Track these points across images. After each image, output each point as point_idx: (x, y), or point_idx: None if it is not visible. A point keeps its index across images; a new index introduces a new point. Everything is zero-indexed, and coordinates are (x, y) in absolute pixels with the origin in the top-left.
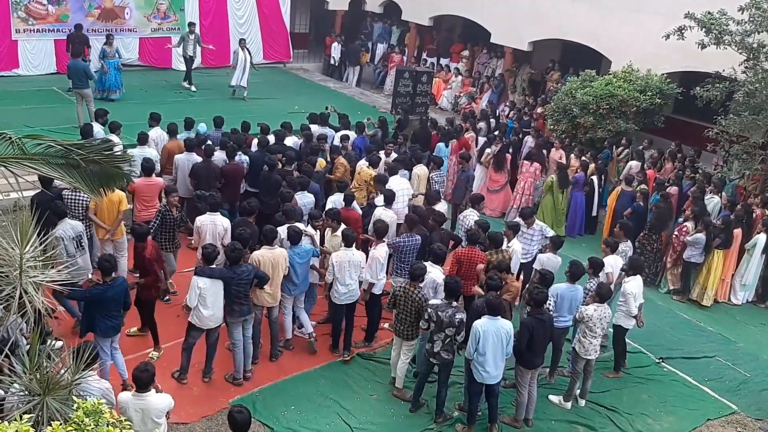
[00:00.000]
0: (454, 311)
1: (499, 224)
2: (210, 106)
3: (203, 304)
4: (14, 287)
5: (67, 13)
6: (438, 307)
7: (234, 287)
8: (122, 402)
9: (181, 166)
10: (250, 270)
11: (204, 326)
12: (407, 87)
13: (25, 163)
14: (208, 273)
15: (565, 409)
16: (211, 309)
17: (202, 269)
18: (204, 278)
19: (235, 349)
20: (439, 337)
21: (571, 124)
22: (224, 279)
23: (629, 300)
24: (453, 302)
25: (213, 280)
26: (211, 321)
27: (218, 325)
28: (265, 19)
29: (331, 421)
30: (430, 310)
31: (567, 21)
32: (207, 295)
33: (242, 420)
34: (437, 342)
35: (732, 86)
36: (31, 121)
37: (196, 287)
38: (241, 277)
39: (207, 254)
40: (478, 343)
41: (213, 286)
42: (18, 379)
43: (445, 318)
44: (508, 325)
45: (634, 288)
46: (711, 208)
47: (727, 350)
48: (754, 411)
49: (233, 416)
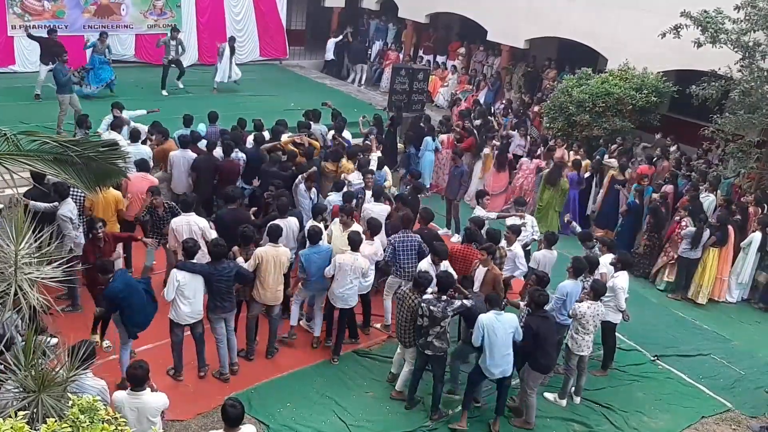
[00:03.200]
0: (445, 305)
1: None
2: (205, 103)
3: (182, 300)
4: (9, 284)
5: (63, 9)
6: (429, 303)
7: (215, 284)
8: (117, 401)
9: (177, 162)
10: (232, 267)
11: (182, 321)
12: (404, 84)
13: (20, 160)
14: (189, 267)
15: (561, 407)
16: (189, 305)
17: (183, 263)
18: (184, 272)
19: (219, 345)
20: (433, 331)
21: (567, 122)
22: (204, 275)
23: (619, 294)
24: (442, 296)
25: (193, 275)
26: (189, 317)
27: (198, 320)
28: (262, 16)
29: (327, 418)
30: (423, 305)
31: (563, 19)
32: (185, 289)
33: (234, 414)
34: (431, 335)
35: (728, 85)
36: (27, 118)
37: (174, 280)
38: (222, 274)
39: (188, 249)
40: (484, 338)
41: (192, 280)
42: (13, 375)
43: (437, 313)
44: (514, 319)
45: (623, 282)
46: (706, 206)
47: (722, 348)
48: (749, 409)
49: (226, 409)
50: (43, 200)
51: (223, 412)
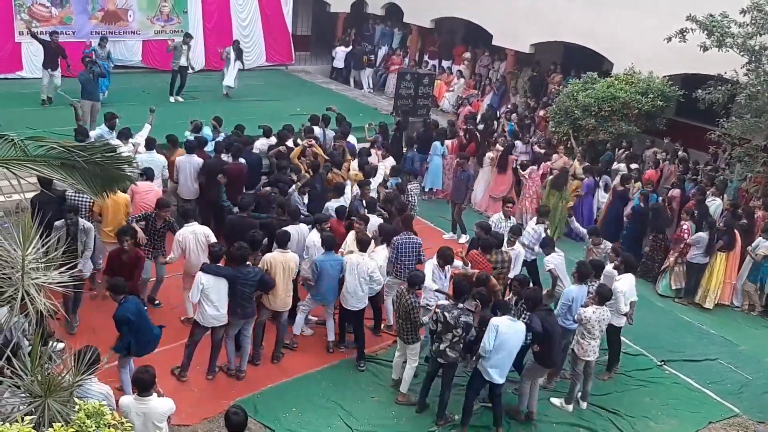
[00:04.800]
0: (459, 313)
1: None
2: (211, 108)
3: (207, 302)
4: (16, 289)
5: (70, 15)
6: (445, 308)
7: (239, 287)
8: (124, 406)
9: (183, 167)
10: (257, 272)
11: (207, 324)
12: (409, 89)
13: (27, 165)
14: (214, 270)
15: (567, 412)
16: (215, 308)
17: (207, 266)
18: (208, 275)
19: (228, 341)
20: (446, 338)
21: (572, 126)
22: (229, 278)
23: (618, 298)
24: (459, 304)
25: (217, 278)
26: (215, 320)
27: (222, 324)
28: (268, 21)
29: (333, 423)
30: (438, 310)
31: (569, 23)
32: (210, 292)
33: (237, 421)
34: (445, 342)
35: (734, 89)
36: (34, 123)
37: (199, 283)
38: (247, 278)
39: (213, 253)
40: (495, 341)
41: (217, 283)
42: (20, 380)
43: (451, 319)
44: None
45: (624, 286)
46: (713, 210)
47: (729, 353)
48: (756, 414)
49: (229, 416)
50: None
51: (226, 419)
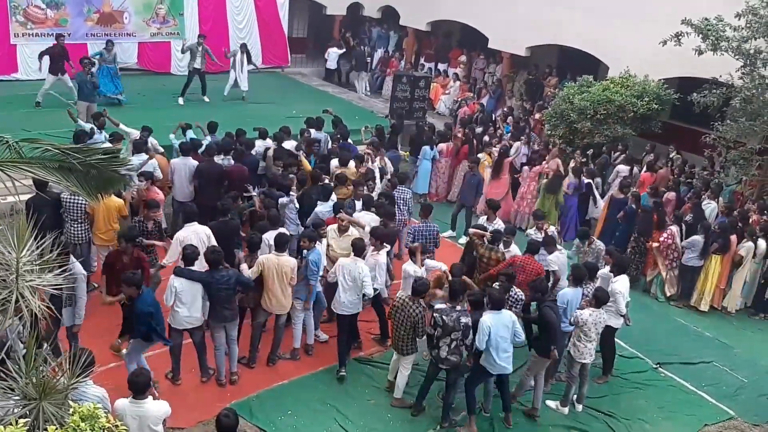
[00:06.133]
0: (458, 315)
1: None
2: (206, 112)
3: (179, 304)
4: (11, 291)
5: (66, 17)
6: (443, 312)
7: (215, 291)
8: (119, 409)
9: (178, 170)
10: (231, 275)
11: (179, 326)
12: (405, 92)
13: (22, 167)
14: (187, 274)
15: (563, 415)
16: (186, 309)
17: (180, 270)
18: (180, 279)
19: (216, 352)
20: (444, 342)
21: (568, 129)
22: (202, 282)
23: (618, 299)
24: (457, 306)
25: (191, 282)
26: (187, 322)
27: (197, 326)
28: (264, 24)
29: (329, 426)
30: (436, 314)
31: (565, 27)
32: (183, 295)
33: (228, 424)
34: (443, 347)
35: (729, 92)
36: (30, 125)
37: (172, 287)
38: (220, 282)
39: (187, 255)
40: (489, 337)
41: (191, 287)
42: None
43: (450, 322)
44: (512, 316)
45: (621, 287)
46: (708, 214)
47: (724, 356)
48: (752, 416)
49: (219, 419)
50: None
51: (216, 421)
